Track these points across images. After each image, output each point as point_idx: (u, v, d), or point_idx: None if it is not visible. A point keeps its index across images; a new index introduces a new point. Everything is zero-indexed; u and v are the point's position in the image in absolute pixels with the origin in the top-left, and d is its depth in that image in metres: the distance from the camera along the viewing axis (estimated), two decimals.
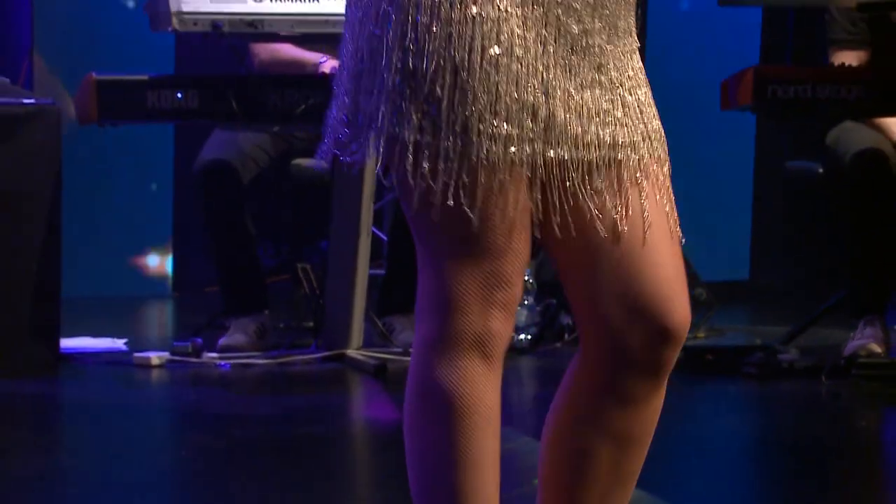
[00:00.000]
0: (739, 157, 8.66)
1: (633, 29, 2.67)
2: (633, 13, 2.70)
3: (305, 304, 6.83)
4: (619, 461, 2.65)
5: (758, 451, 5.85)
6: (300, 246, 7.21)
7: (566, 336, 7.00)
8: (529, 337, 7.06)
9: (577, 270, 2.62)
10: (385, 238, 6.92)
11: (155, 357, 6.23)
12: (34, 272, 6.42)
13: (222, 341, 6.29)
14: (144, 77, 6.01)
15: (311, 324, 6.79)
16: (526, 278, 7.06)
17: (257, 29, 6.19)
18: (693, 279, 7.10)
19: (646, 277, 2.58)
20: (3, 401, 6.08)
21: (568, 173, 2.58)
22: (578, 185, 2.58)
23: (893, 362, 6.12)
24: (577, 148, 2.58)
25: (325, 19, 6.29)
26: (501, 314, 2.56)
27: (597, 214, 2.56)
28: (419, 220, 2.61)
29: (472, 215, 2.52)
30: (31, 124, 6.37)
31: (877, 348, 6.19)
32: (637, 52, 2.66)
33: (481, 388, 2.58)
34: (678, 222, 2.58)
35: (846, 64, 6.19)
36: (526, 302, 7.15)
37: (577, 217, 2.57)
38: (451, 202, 2.53)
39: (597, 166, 2.59)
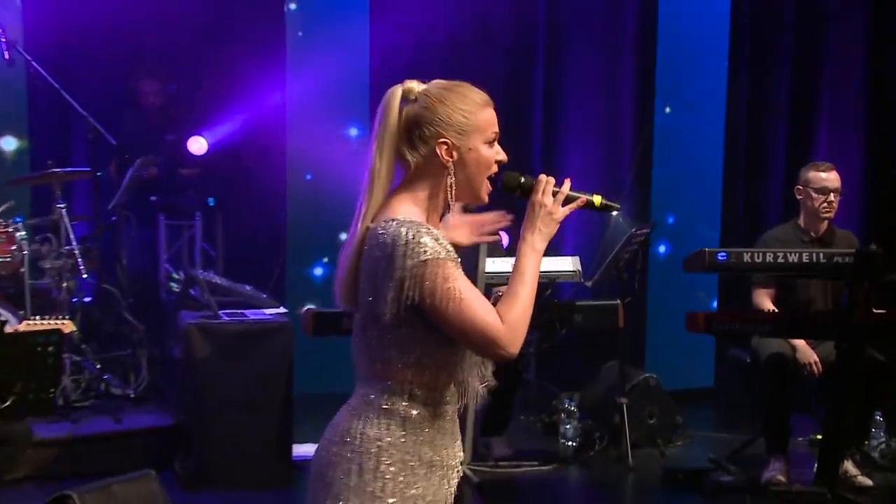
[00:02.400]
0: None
1: None
2: None
3: None
4: None
5: None
6: None
7: (597, 446, 6.72)
8: (574, 444, 6.69)
9: None
10: None
11: None
12: (277, 411, 6.08)
13: None
14: (340, 310, 5.95)
15: None
16: (572, 407, 6.90)
17: None
18: (673, 409, 7.06)
19: None
20: None
21: None
22: None
23: (792, 487, 5.88)
24: None
25: None
26: None
27: None
28: None
29: None
30: (273, 333, 6.15)
31: (782, 478, 6.01)
32: None
33: None
34: None
35: (761, 307, 6.12)
36: (573, 420, 6.82)
37: None
38: None
39: None
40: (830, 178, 6.19)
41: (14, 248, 6.56)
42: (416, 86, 2.61)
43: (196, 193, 8.07)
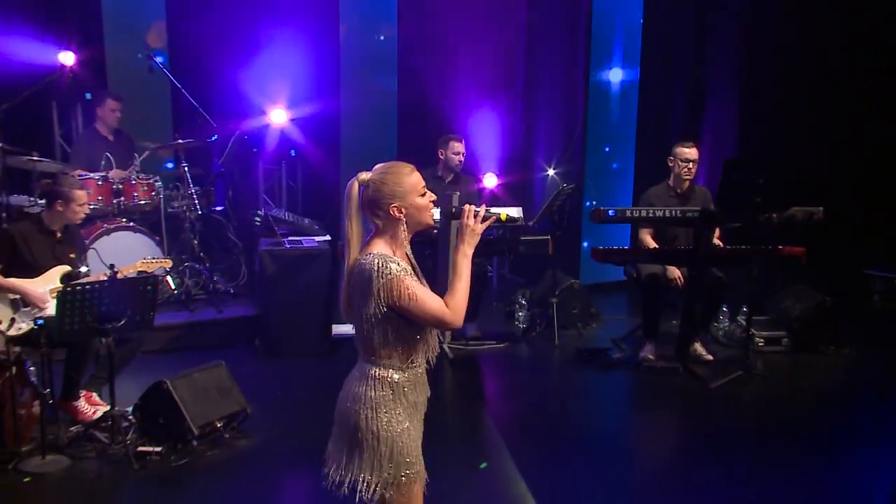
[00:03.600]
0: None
1: None
2: None
3: None
4: None
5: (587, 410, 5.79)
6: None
7: (537, 329, 7.13)
8: (524, 327, 7.18)
9: None
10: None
11: None
12: (322, 307, 6.35)
13: None
14: None
15: None
16: (524, 301, 7.46)
17: None
18: (589, 303, 7.64)
19: None
20: (303, 373, 6.13)
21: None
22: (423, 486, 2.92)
23: (657, 363, 6.30)
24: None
25: None
26: None
27: None
28: None
29: None
30: (320, 256, 6.52)
31: (651, 357, 6.50)
32: None
33: None
34: None
35: (643, 242, 6.49)
36: (524, 310, 7.31)
37: None
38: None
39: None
40: (691, 152, 6.63)
41: (154, 193, 7.40)
42: (365, 175, 2.89)
43: (282, 146, 8.71)
